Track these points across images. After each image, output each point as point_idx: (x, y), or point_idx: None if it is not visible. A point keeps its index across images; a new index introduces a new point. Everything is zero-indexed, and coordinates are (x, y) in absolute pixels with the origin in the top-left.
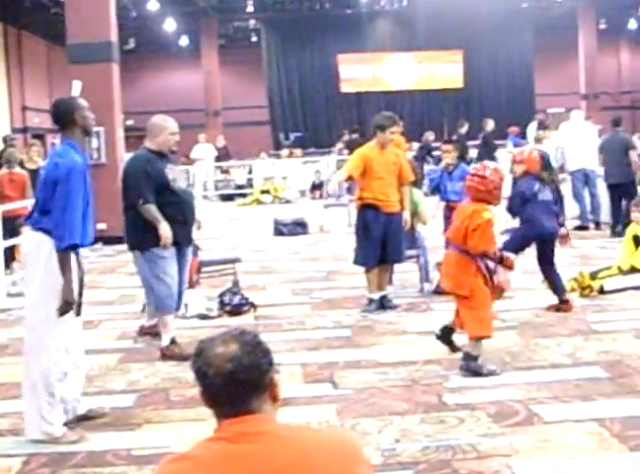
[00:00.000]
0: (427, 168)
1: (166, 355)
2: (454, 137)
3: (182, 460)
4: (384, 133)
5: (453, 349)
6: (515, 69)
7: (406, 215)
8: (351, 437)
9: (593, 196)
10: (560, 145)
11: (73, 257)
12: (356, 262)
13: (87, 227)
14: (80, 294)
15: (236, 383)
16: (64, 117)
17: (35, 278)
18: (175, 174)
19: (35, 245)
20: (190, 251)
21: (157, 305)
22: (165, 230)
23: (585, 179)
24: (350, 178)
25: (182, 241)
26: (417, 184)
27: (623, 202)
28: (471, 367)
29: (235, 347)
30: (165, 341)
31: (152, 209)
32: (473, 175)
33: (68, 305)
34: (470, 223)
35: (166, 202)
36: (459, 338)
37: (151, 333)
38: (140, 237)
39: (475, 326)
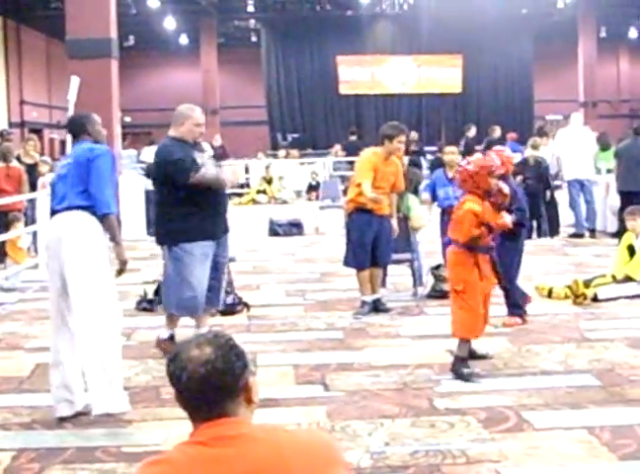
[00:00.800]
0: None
1: (160, 347)
2: (462, 141)
3: (158, 464)
4: (392, 143)
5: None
6: (514, 75)
7: (394, 223)
8: (328, 438)
9: (588, 203)
10: (556, 153)
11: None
12: (346, 263)
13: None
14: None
15: (210, 387)
16: (77, 128)
17: (79, 258)
18: (204, 160)
19: (73, 225)
20: (228, 239)
21: (176, 307)
22: (233, 171)
23: (580, 187)
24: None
25: (218, 231)
26: (416, 190)
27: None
28: (456, 370)
29: (209, 350)
30: (164, 334)
31: (204, 173)
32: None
33: (124, 265)
34: (456, 215)
35: (199, 190)
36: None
37: (161, 348)
38: (169, 231)
39: (460, 326)
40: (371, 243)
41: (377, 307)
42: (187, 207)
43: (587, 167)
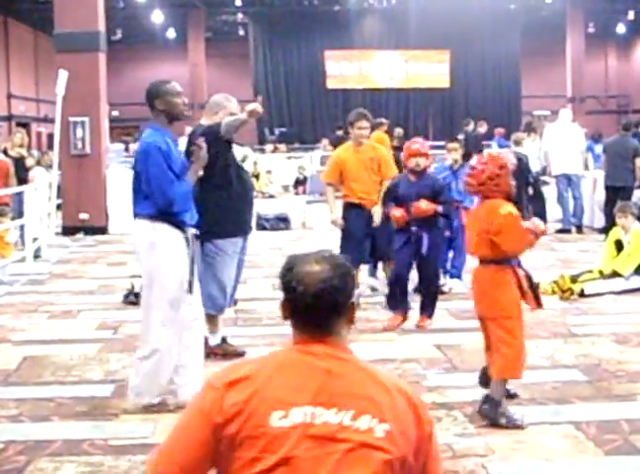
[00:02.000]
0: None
1: (217, 354)
2: (461, 136)
3: (251, 367)
4: (353, 129)
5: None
6: (501, 70)
7: (375, 209)
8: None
9: (575, 199)
10: (544, 148)
11: (180, 235)
12: None
13: (187, 201)
14: (191, 272)
15: (324, 303)
16: (148, 102)
17: (142, 265)
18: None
19: (135, 234)
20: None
21: (204, 305)
22: (251, 107)
23: (568, 182)
24: (330, 184)
25: (247, 227)
26: None
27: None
28: (491, 414)
29: (327, 267)
30: (215, 340)
31: (229, 119)
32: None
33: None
34: (490, 227)
35: (229, 181)
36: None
37: (217, 353)
38: (201, 223)
39: (506, 363)
40: (368, 238)
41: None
42: (216, 199)
43: (574, 162)
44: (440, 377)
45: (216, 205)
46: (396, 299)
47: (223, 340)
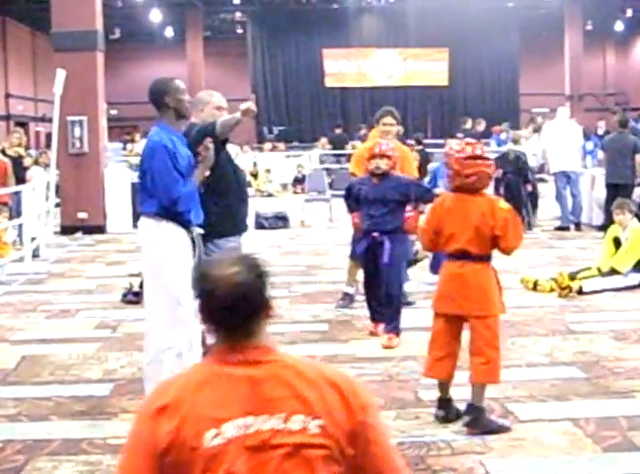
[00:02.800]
0: None
1: None
2: (460, 134)
3: (182, 381)
4: (378, 125)
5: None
6: (500, 69)
7: None
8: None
9: (574, 196)
10: (542, 146)
11: (185, 234)
12: (351, 255)
13: (193, 200)
14: None
15: (241, 306)
16: (156, 99)
17: (146, 264)
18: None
19: (140, 232)
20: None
21: None
22: (244, 106)
23: (567, 180)
24: (355, 175)
25: (244, 225)
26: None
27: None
28: (479, 423)
29: (242, 269)
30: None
31: (225, 118)
32: (476, 157)
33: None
34: (495, 222)
35: (222, 178)
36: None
37: None
38: (203, 225)
39: (488, 368)
40: None
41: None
42: (215, 198)
43: (573, 159)
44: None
45: (216, 205)
46: (370, 308)
47: None
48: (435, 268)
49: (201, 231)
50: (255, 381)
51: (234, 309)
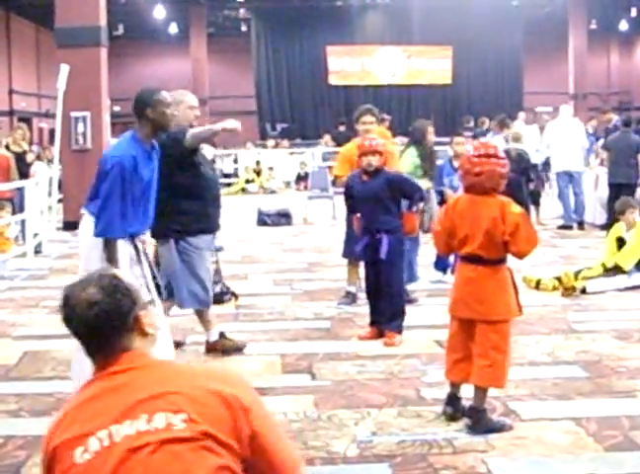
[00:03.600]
0: None
1: (217, 350)
2: (468, 133)
3: (63, 408)
4: (358, 124)
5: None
6: (503, 67)
7: None
8: (233, 372)
9: (576, 195)
10: (545, 144)
11: (126, 244)
12: (343, 254)
13: (140, 215)
14: (154, 277)
15: (99, 327)
16: (137, 109)
17: (82, 260)
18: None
19: (85, 228)
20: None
21: (191, 304)
22: (228, 124)
23: (569, 179)
24: (341, 177)
25: (215, 225)
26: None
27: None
28: (481, 425)
29: (94, 291)
30: (213, 336)
31: (200, 129)
32: (487, 155)
33: None
34: (506, 225)
35: (195, 180)
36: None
37: (216, 348)
38: (171, 223)
39: (493, 372)
40: None
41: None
42: (189, 197)
43: (576, 158)
44: (441, 373)
45: (191, 205)
46: (372, 312)
47: (221, 335)
48: (439, 265)
49: (147, 239)
50: (118, 389)
51: (93, 329)
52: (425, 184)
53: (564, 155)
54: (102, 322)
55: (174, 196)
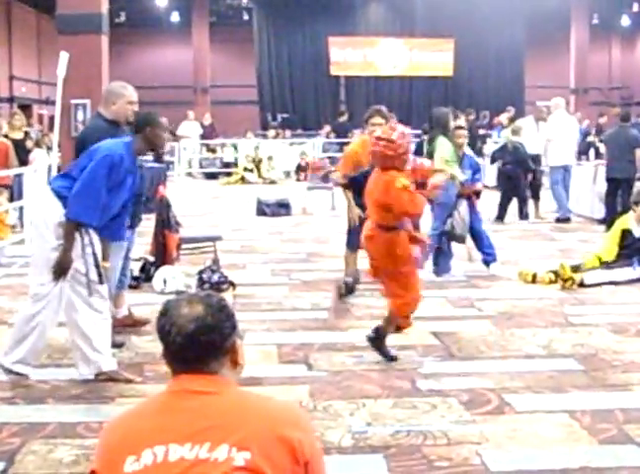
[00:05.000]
0: None
1: (124, 325)
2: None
3: (130, 410)
4: (367, 125)
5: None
6: (505, 61)
7: None
8: (295, 405)
9: (566, 189)
10: (546, 137)
11: (84, 233)
12: (347, 245)
13: (111, 222)
14: (97, 265)
15: (197, 343)
16: (140, 125)
17: (38, 241)
18: None
19: (46, 206)
20: (135, 231)
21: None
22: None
23: (565, 174)
24: (346, 177)
25: (135, 221)
26: None
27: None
28: (376, 343)
29: (200, 308)
30: (121, 313)
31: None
32: (379, 138)
33: (61, 270)
34: (388, 198)
35: None
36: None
37: (127, 324)
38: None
39: (397, 306)
40: None
41: None
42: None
43: (571, 153)
44: (437, 365)
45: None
46: None
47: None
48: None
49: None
50: (191, 410)
51: (191, 342)
52: (461, 175)
53: (561, 150)
54: (202, 337)
55: None
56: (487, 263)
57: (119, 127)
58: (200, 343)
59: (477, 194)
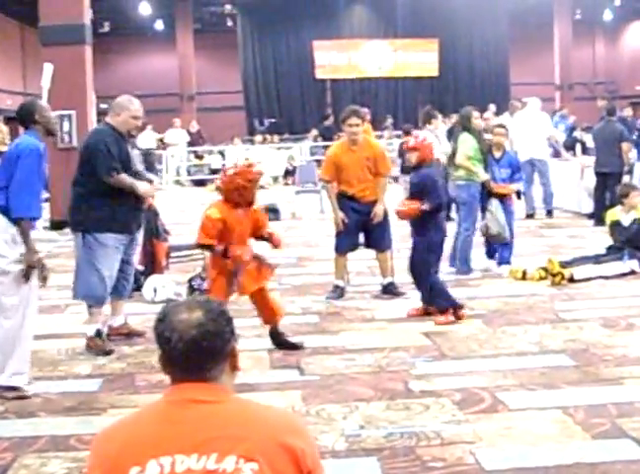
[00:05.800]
0: None
1: (89, 346)
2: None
3: (126, 419)
4: (344, 126)
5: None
6: (490, 59)
7: (378, 209)
8: (294, 415)
9: (544, 185)
10: (510, 135)
11: (10, 225)
12: (335, 249)
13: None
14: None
15: (199, 349)
16: (25, 116)
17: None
18: (132, 155)
19: None
20: (140, 235)
21: (83, 294)
22: (145, 188)
23: (532, 168)
24: (328, 181)
25: (133, 227)
26: None
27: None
28: (277, 340)
29: (200, 313)
30: (90, 331)
31: (124, 177)
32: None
33: (31, 269)
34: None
35: (116, 188)
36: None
37: (122, 333)
38: (83, 218)
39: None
40: (363, 229)
41: (391, 290)
42: (105, 198)
43: (540, 148)
44: (429, 365)
45: (102, 206)
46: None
47: (98, 333)
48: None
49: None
50: (194, 419)
51: (193, 348)
52: (484, 175)
53: (527, 145)
54: (204, 343)
55: (90, 193)
56: (500, 262)
57: (123, 138)
58: (202, 348)
59: (517, 193)
